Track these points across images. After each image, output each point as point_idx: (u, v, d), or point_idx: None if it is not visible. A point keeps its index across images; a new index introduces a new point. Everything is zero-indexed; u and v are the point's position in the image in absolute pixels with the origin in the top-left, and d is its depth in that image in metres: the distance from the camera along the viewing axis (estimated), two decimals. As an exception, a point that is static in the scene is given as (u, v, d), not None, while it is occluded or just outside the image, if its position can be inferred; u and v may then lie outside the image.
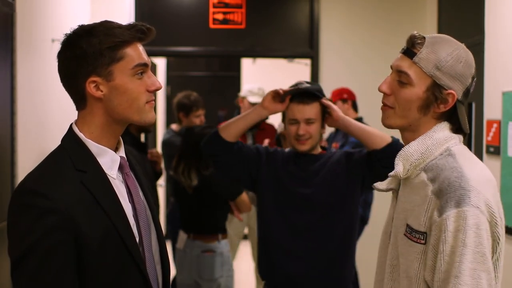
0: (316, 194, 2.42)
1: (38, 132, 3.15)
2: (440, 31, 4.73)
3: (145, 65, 1.50)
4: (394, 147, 2.29)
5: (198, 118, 4.51)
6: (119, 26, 1.48)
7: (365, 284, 4.61)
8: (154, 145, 6.34)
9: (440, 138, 1.49)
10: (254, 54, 5.55)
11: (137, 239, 1.49)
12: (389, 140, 2.38)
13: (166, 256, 1.63)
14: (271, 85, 2.54)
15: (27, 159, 2.81)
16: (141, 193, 1.58)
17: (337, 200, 2.43)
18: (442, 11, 4.70)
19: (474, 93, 3.85)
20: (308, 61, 5.32)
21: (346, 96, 4.40)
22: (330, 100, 2.57)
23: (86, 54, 1.43)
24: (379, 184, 1.61)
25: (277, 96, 2.47)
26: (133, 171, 1.59)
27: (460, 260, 1.33)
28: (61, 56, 1.48)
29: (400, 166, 1.51)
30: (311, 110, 2.43)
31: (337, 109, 2.47)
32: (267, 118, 4.79)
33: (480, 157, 3.74)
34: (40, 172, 1.44)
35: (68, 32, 1.49)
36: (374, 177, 2.25)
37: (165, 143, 4.76)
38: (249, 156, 2.53)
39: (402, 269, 1.48)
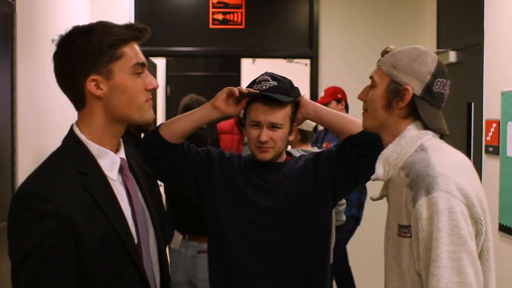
0: (281, 207, 2.02)
1: (38, 132, 3.15)
2: (439, 31, 4.73)
3: (143, 64, 1.51)
4: (369, 132, 1.91)
5: None
6: (116, 26, 1.48)
7: (360, 283, 4.61)
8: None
9: (413, 135, 1.57)
10: (254, 54, 5.55)
11: (136, 241, 1.49)
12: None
13: (164, 258, 1.63)
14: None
15: (27, 159, 2.81)
16: (140, 195, 1.59)
17: (305, 214, 2.03)
18: (442, 11, 4.71)
19: (473, 93, 3.87)
20: (307, 61, 5.32)
21: (340, 96, 4.38)
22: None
23: (86, 52, 1.43)
24: (373, 196, 1.69)
25: (232, 96, 2.04)
26: (133, 173, 1.60)
27: (436, 244, 1.37)
28: (58, 56, 1.47)
29: (380, 169, 1.59)
30: (278, 114, 2.01)
31: (306, 96, 2.13)
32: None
33: (479, 157, 3.75)
34: (40, 174, 1.44)
35: (63, 33, 1.49)
36: (349, 173, 2.04)
37: None
38: (197, 161, 2.10)
39: (398, 267, 1.51)
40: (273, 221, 2.02)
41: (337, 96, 4.38)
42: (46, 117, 3.29)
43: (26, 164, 2.76)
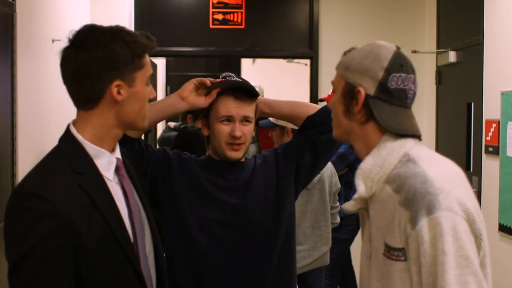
0: (250, 206, 1.94)
1: (38, 132, 3.15)
2: (439, 31, 4.73)
3: (152, 75, 1.56)
4: (326, 110, 1.93)
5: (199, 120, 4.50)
6: (139, 35, 1.51)
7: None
8: (154, 144, 6.34)
9: (394, 145, 1.43)
10: (254, 54, 5.55)
11: (132, 240, 1.50)
12: (319, 107, 2.04)
13: (161, 257, 1.64)
14: (271, 85, 2.35)
15: (27, 159, 2.81)
16: (135, 195, 1.59)
17: (273, 209, 1.96)
18: (442, 11, 4.71)
19: (473, 93, 3.88)
20: (307, 61, 5.33)
21: None
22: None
23: (119, 58, 1.45)
24: (346, 205, 1.51)
25: (201, 87, 1.94)
26: (128, 172, 1.60)
27: (442, 269, 1.26)
28: (85, 53, 1.44)
29: (361, 186, 1.44)
30: (249, 108, 1.93)
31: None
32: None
33: (479, 157, 3.75)
34: (38, 174, 1.44)
35: (82, 29, 1.48)
36: (312, 155, 2.00)
37: (160, 141, 4.79)
38: (154, 162, 1.95)
39: None
40: (243, 221, 1.94)
41: None
42: (46, 117, 3.29)
43: (26, 164, 2.76)
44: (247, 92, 1.93)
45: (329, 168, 3.42)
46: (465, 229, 1.29)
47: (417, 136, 1.47)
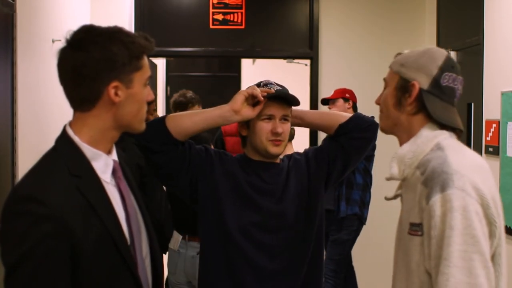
0: (287, 210, 2.03)
1: (38, 132, 3.15)
2: (439, 31, 4.73)
3: (150, 76, 1.55)
4: (358, 116, 2.12)
5: None
6: (137, 36, 1.51)
7: (363, 283, 4.62)
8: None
9: (429, 135, 1.55)
10: (254, 54, 5.55)
11: (129, 243, 1.49)
12: (350, 115, 2.15)
13: (157, 260, 1.63)
14: (271, 85, 2.33)
15: (27, 159, 2.81)
16: (132, 197, 1.59)
17: (306, 212, 2.06)
18: (442, 11, 4.71)
19: (473, 93, 3.87)
20: (307, 61, 5.32)
21: (348, 96, 4.41)
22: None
23: (117, 59, 1.44)
24: (387, 195, 1.67)
25: (251, 98, 2.00)
26: (124, 175, 1.59)
27: (448, 242, 1.35)
28: (82, 54, 1.43)
29: (395, 168, 1.57)
30: (288, 109, 2.06)
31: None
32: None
33: (479, 157, 3.75)
34: (34, 177, 1.42)
35: (79, 30, 1.47)
36: (342, 160, 2.09)
37: None
38: (197, 162, 2.02)
39: (407, 266, 1.49)
40: (279, 224, 2.03)
41: (345, 95, 4.40)
42: (46, 117, 3.29)
43: (26, 164, 2.75)
44: (288, 100, 2.04)
45: None
46: (476, 210, 1.38)
47: (459, 129, 1.59)
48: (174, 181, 2.03)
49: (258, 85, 2.08)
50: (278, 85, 2.10)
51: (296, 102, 2.05)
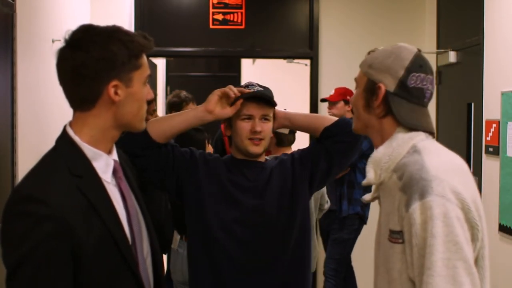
0: (268, 207, 2.09)
1: (38, 132, 3.15)
2: (439, 31, 4.74)
3: (150, 75, 1.56)
4: (344, 120, 2.17)
5: None
6: (136, 35, 1.51)
7: (363, 283, 4.61)
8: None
9: (405, 137, 1.51)
10: (254, 54, 5.55)
11: (130, 243, 1.49)
12: (336, 119, 2.21)
13: (158, 259, 1.63)
14: (271, 86, 2.36)
15: (27, 159, 2.81)
16: (133, 197, 1.59)
17: (288, 211, 2.11)
18: (442, 11, 4.71)
19: (473, 93, 3.87)
20: (307, 61, 5.33)
21: (349, 98, 4.40)
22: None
23: (116, 58, 1.44)
24: (365, 197, 1.63)
25: (225, 97, 2.08)
26: (125, 174, 1.59)
27: (430, 251, 1.32)
28: (81, 53, 1.43)
29: (371, 173, 1.54)
30: (268, 109, 2.12)
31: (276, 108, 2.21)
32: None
33: (479, 157, 3.75)
34: (35, 177, 1.42)
35: (78, 30, 1.47)
36: (326, 163, 2.14)
37: None
38: (180, 163, 2.11)
39: (388, 274, 1.46)
40: (260, 220, 2.08)
41: (346, 97, 4.39)
42: (46, 117, 3.29)
43: (26, 164, 2.76)
44: (266, 101, 2.11)
45: None
46: (457, 216, 1.35)
47: (430, 132, 1.55)
48: (161, 182, 2.12)
49: (240, 86, 2.16)
50: (260, 86, 2.17)
51: (273, 103, 2.12)
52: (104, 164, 1.49)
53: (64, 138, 1.48)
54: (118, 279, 1.44)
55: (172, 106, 4.65)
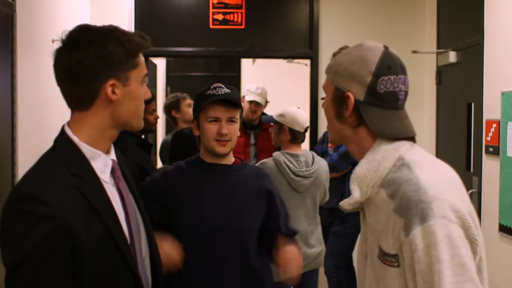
0: (234, 218, 2.18)
1: (38, 132, 3.15)
2: (439, 31, 4.73)
3: (147, 74, 1.57)
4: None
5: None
6: (133, 34, 1.52)
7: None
8: (154, 145, 6.34)
9: (389, 148, 1.42)
10: (254, 54, 5.54)
11: (129, 242, 1.49)
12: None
13: (157, 259, 1.63)
14: (271, 86, 2.39)
15: (27, 159, 2.81)
16: (131, 197, 1.59)
17: (252, 224, 2.22)
18: (442, 11, 4.71)
19: (473, 93, 3.87)
20: (307, 61, 5.32)
21: None
22: None
23: (113, 57, 1.45)
24: (343, 204, 1.51)
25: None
26: (123, 174, 1.60)
27: (439, 277, 1.25)
28: (78, 53, 1.44)
29: (357, 192, 1.44)
30: (234, 111, 2.21)
31: None
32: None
33: (479, 157, 3.75)
34: (35, 176, 1.42)
35: (74, 30, 1.47)
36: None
37: (164, 144, 4.82)
38: (155, 195, 2.24)
39: None
40: (225, 235, 2.16)
41: None
42: (46, 117, 3.29)
43: (26, 164, 2.75)
44: (233, 103, 2.20)
45: (325, 172, 3.44)
46: (460, 235, 1.28)
47: (410, 137, 1.46)
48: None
49: (209, 88, 2.23)
50: (227, 87, 2.24)
51: (239, 105, 2.22)
52: (103, 163, 1.49)
53: (62, 138, 1.48)
54: (117, 279, 1.44)
55: (171, 106, 4.68)
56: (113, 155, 1.55)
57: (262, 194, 2.24)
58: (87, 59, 1.43)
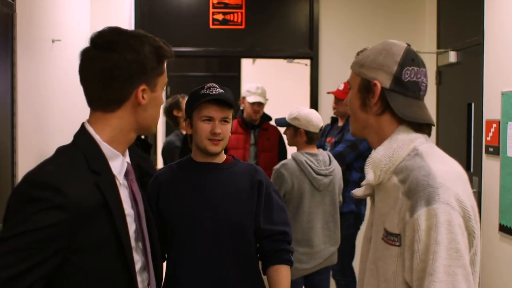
0: (227, 215, 2.20)
1: (38, 132, 3.15)
2: (439, 31, 4.73)
3: (167, 82, 1.60)
4: None
5: None
6: (161, 41, 1.54)
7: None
8: (154, 146, 6.34)
9: (405, 139, 1.52)
10: (254, 54, 5.55)
11: (133, 245, 1.49)
12: None
13: (158, 261, 1.64)
14: (271, 85, 2.38)
15: (27, 159, 2.81)
16: (142, 201, 1.60)
17: (247, 220, 2.22)
18: (442, 11, 4.71)
19: (473, 93, 3.87)
20: (307, 61, 5.33)
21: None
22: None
23: (148, 61, 1.47)
24: (356, 191, 1.63)
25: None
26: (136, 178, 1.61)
27: (433, 257, 1.34)
28: (116, 55, 1.44)
29: (371, 174, 1.53)
30: (227, 112, 2.23)
31: None
32: (270, 118, 4.82)
33: (479, 157, 3.75)
34: (54, 166, 1.40)
35: (113, 31, 1.48)
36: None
37: (166, 144, 4.81)
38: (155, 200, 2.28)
39: (380, 273, 1.48)
40: (217, 229, 2.17)
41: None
42: (46, 118, 3.29)
43: (26, 164, 2.75)
44: (227, 103, 2.21)
45: (340, 171, 3.49)
46: (459, 224, 1.37)
47: (430, 124, 1.56)
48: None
49: (203, 87, 2.23)
50: (221, 88, 2.24)
51: (233, 105, 2.23)
52: (120, 164, 1.51)
53: (83, 135, 1.49)
54: (115, 280, 1.44)
55: (172, 107, 4.68)
56: (128, 158, 1.56)
57: (253, 187, 2.25)
58: (124, 62, 1.44)
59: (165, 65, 1.55)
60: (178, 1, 5.09)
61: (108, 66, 1.44)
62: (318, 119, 3.40)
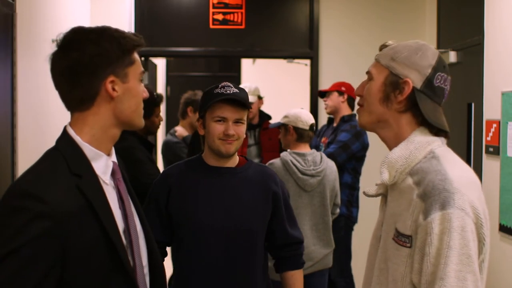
0: (239, 221, 2.15)
1: (38, 132, 3.15)
2: (439, 31, 4.73)
3: (143, 72, 1.56)
4: None
5: None
6: (126, 32, 1.52)
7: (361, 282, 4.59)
8: (155, 148, 6.34)
9: (422, 141, 1.52)
10: (254, 54, 5.55)
11: (125, 244, 1.47)
12: None
13: (156, 261, 1.62)
14: (271, 86, 2.37)
15: (27, 159, 2.81)
16: (130, 200, 1.58)
17: (258, 228, 2.19)
18: (442, 11, 4.71)
19: (474, 93, 3.87)
20: (307, 61, 5.33)
21: (344, 89, 4.36)
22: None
23: (110, 53, 1.45)
24: (368, 190, 1.62)
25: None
26: (123, 177, 1.59)
27: (445, 262, 1.34)
28: (75, 53, 1.44)
29: (386, 174, 1.52)
30: (242, 112, 2.15)
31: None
32: (270, 118, 4.82)
33: (479, 157, 3.75)
34: (35, 174, 1.41)
35: (68, 32, 1.48)
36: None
37: (165, 145, 4.80)
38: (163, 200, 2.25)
39: (389, 273, 1.49)
40: (230, 237, 2.13)
41: (340, 88, 4.35)
42: (46, 118, 3.29)
43: (26, 164, 2.74)
44: (241, 103, 2.14)
45: (333, 172, 3.42)
46: (472, 230, 1.37)
47: (446, 132, 1.59)
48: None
49: (217, 86, 2.16)
50: (236, 87, 2.16)
51: (248, 106, 2.15)
52: (104, 165, 1.49)
53: (64, 138, 1.48)
54: (112, 281, 1.42)
55: (190, 103, 4.67)
56: (114, 158, 1.55)
57: (267, 196, 2.20)
58: (85, 57, 1.43)
59: (136, 55, 1.52)
60: (178, 1, 5.09)
61: (71, 64, 1.44)
62: (307, 116, 3.38)
